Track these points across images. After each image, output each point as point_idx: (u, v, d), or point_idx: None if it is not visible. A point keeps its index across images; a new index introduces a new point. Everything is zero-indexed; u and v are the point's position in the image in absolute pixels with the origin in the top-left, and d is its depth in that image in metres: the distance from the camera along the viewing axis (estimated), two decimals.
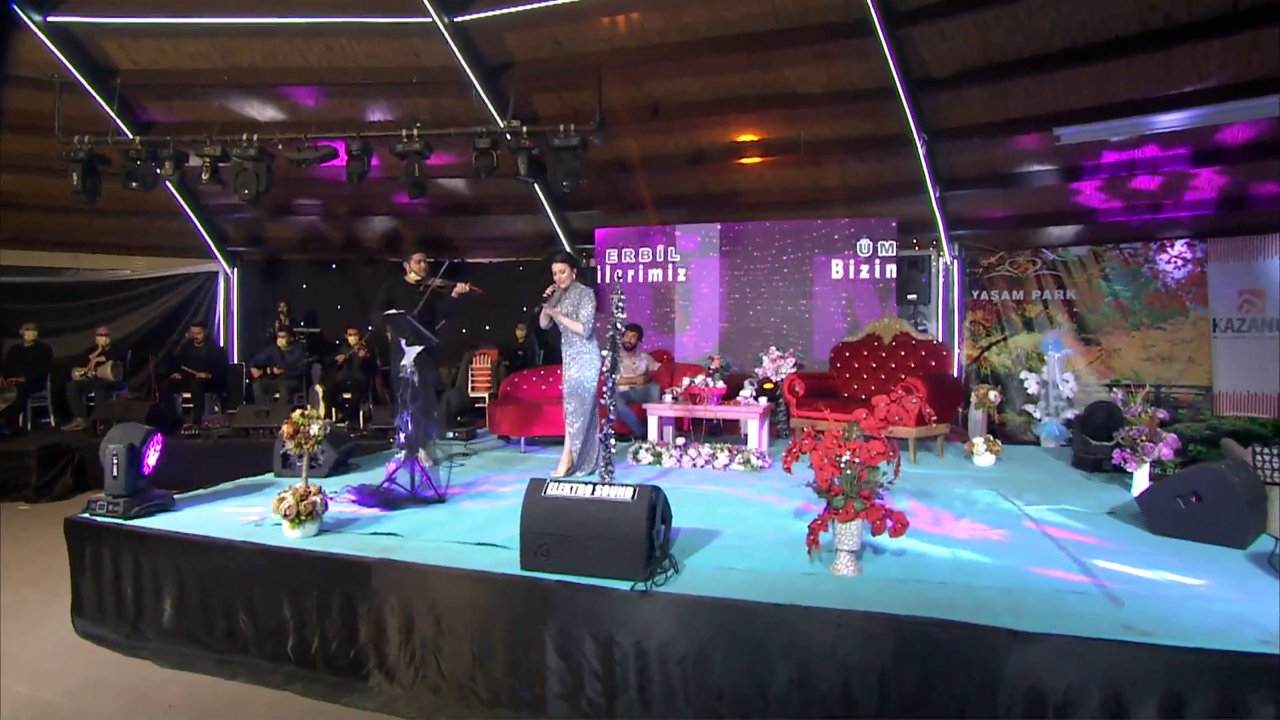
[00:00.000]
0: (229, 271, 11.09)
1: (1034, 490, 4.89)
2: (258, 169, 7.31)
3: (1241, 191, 7.37)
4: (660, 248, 9.40)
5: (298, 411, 3.85)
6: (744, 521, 4.10)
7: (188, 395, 9.22)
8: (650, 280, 9.44)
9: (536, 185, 9.24)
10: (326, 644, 3.48)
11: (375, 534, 3.81)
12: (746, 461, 5.72)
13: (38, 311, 9.47)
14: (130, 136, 7.77)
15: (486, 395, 9.12)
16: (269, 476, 5.33)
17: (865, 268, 8.60)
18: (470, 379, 9.62)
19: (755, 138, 8.37)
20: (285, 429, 3.82)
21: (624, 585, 2.96)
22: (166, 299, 11.03)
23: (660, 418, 6.36)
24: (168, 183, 9.12)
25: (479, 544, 3.60)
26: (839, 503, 3.09)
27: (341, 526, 3.97)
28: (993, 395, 5.96)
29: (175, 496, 4.47)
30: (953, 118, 7.46)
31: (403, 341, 4.81)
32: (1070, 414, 6.84)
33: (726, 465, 5.76)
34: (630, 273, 9.49)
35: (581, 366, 5.13)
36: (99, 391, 8.85)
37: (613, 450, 4.78)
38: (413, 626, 3.31)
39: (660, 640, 2.88)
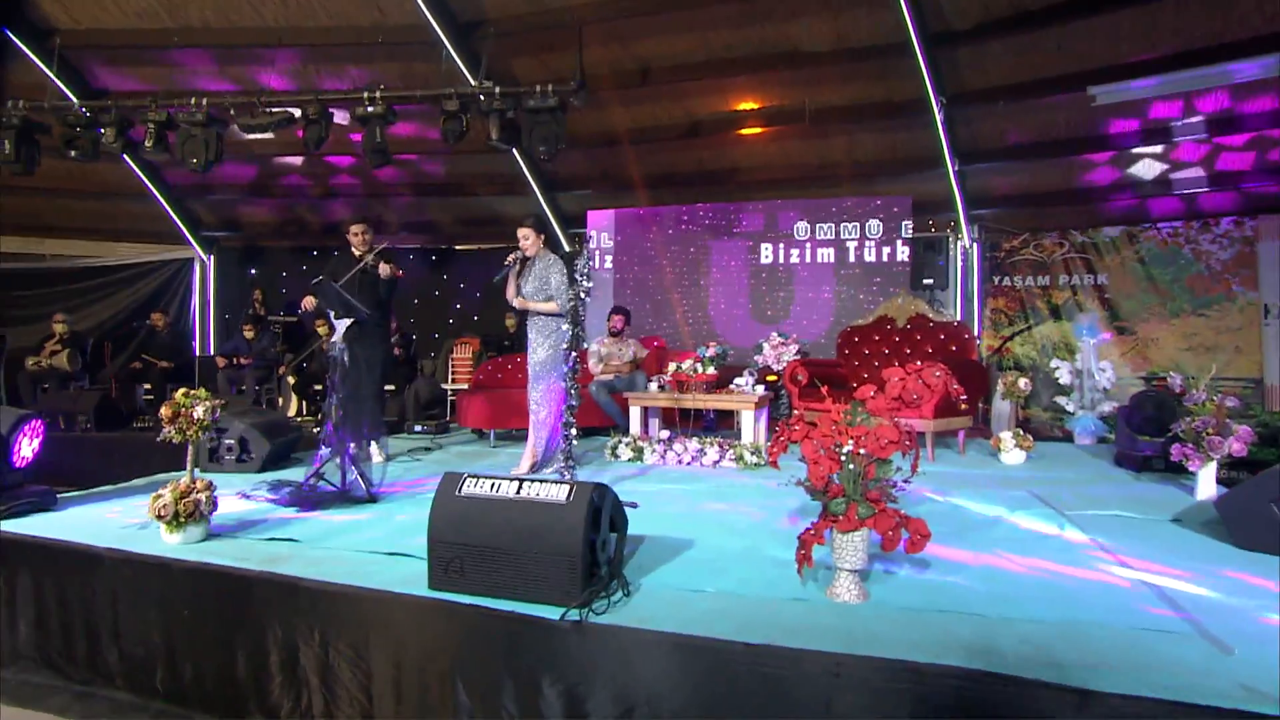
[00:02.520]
0: (205, 258, 10.49)
1: (1076, 493, 4.13)
2: (207, 136, 6.66)
3: None
4: (653, 230, 8.72)
5: (180, 391, 3.16)
6: (725, 529, 3.37)
7: (149, 386, 8.62)
8: (645, 265, 8.77)
9: (523, 164, 8.58)
10: (201, 677, 2.80)
11: (271, 540, 3.13)
12: (740, 457, 5.01)
13: None
14: (73, 100, 7.12)
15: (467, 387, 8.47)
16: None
17: (879, 250, 7.89)
18: (450, 370, 8.96)
19: (755, 105, 7.63)
20: (164, 411, 3.13)
21: (553, 613, 2.26)
22: (139, 286, 10.47)
23: (644, 409, 5.66)
24: (126, 158, 8.53)
25: (391, 554, 2.91)
26: (838, 507, 2.37)
27: (240, 530, 3.31)
28: (1022, 383, 5.21)
29: (60, 494, 3.83)
30: (974, 78, 6.69)
31: (331, 315, 4.14)
32: (1108, 406, 6.07)
33: (717, 462, 5.05)
34: (634, 260, 8.83)
35: (549, 346, 4.47)
36: (53, 382, 8.27)
37: (573, 442, 4.06)
38: (297, 659, 2.62)
39: (598, 687, 2.17)
